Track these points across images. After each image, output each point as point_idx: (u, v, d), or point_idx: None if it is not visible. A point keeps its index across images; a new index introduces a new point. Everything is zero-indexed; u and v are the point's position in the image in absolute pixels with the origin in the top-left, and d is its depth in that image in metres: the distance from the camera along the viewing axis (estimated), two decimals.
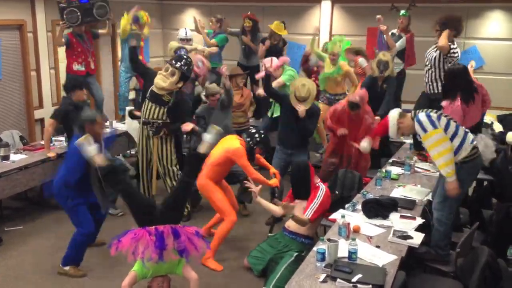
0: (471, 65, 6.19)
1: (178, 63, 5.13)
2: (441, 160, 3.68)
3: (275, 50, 7.69)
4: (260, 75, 6.39)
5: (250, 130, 4.96)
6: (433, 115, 3.74)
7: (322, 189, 4.21)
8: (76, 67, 6.36)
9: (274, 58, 6.41)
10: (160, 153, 5.37)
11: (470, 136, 3.81)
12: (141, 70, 5.76)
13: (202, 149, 3.89)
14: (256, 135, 4.74)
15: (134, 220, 3.75)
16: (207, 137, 3.96)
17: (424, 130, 3.71)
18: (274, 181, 4.67)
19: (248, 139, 4.71)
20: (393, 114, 4.00)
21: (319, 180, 4.36)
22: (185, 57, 5.30)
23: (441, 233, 3.85)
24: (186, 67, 5.15)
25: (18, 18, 6.94)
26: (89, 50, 6.47)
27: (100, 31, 6.73)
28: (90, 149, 3.83)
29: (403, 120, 3.94)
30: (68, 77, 6.22)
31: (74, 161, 4.15)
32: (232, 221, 4.57)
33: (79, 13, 6.09)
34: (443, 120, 3.74)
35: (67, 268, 4.29)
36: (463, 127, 3.83)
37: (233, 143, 4.65)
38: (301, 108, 5.12)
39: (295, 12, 9.09)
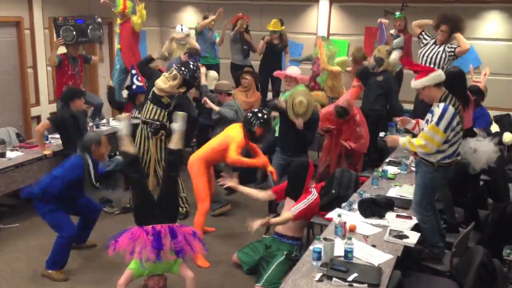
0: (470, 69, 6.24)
1: (183, 68, 5.12)
2: (418, 146, 3.71)
3: (278, 50, 7.72)
4: (280, 73, 6.38)
5: (254, 110, 4.97)
6: (457, 118, 3.66)
7: (313, 194, 4.16)
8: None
9: (296, 68, 6.36)
10: (159, 155, 5.37)
11: (460, 147, 3.84)
12: (147, 74, 5.76)
13: (173, 143, 3.93)
14: (260, 114, 4.76)
15: (134, 216, 3.76)
16: (174, 125, 3.99)
17: (437, 122, 3.62)
18: (264, 160, 4.73)
19: (250, 117, 4.74)
20: (438, 74, 3.73)
21: (314, 185, 4.33)
22: (192, 63, 5.27)
23: (428, 230, 3.85)
24: (189, 74, 5.11)
25: (15, 15, 6.92)
26: (79, 74, 6.45)
27: (93, 57, 6.73)
28: (125, 128, 3.91)
29: (436, 89, 3.72)
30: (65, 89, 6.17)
31: (67, 174, 4.14)
32: (204, 208, 4.67)
33: (74, 32, 6.28)
34: (459, 127, 3.71)
35: (50, 271, 4.22)
36: (461, 139, 3.85)
37: (236, 131, 4.74)
38: (298, 122, 5.16)
39: (293, 11, 9.09)
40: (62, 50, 6.47)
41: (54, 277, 4.22)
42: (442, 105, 3.65)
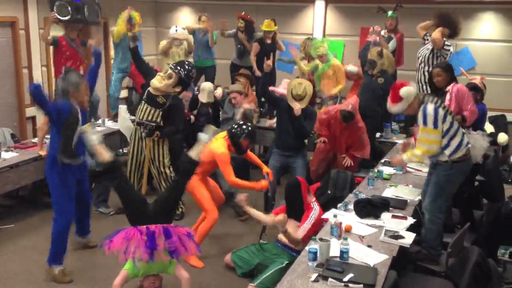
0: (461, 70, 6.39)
1: (178, 67, 5.10)
2: (420, 153, 3.83)
3: (271, 49, 7.69)
4: (277, 91, 6.35)
5: (238, 122, 4.94)
6: (441, 112, 3.73)
7: (315, 209, 4.11)
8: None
9: (285, 81, 6.34)
10: (153, 155, 5.36)
11: (466, 138, 3.88)
12: (143, 70, 5.64)
13: (194, 152, 3.86)
14: (244, 127, 4.69)
15: (127, 218, 3.75)
16: (203, 137, 3.94)
17: (425, 122, 3.73)
18: (263, 184, 4.61)
19: (235, 130, 4.66)
20: (410, 91, 3.86)
21: (314, 199, 4.27)
22: (187, 63, 5.26)
23: (434, 232, 3.88)
24: (184, 73, 5.09)
25: (10, 15, 6.90)
26: (79, 55, 6.25)
27: (90, 40, 6.63)
28: (94, 137, 3.75)
29: (414, 102, 3.87)
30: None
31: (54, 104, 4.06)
32: (213, 219, 4.57)
33: (69, 8, 6.00)
34: (448, 119, 3.76)
35: (55, 270, 4.17)
36: (462, 129, 3.87)
37: (219, 146, 4.59)
38: (296, 107, 5.12)
39: (289, 11, 9.10)
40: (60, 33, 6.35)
41: (59, 279, 4.16)
42: (421, 108, 3.79)
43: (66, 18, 6.03)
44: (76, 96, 4.12)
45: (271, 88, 6.46)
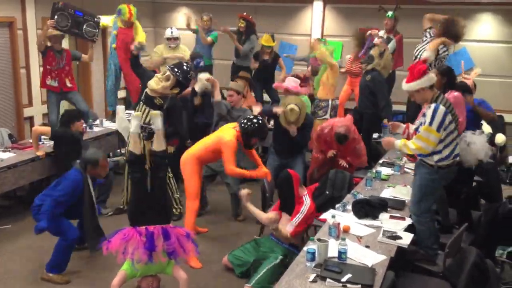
0: (462, 67, 6.35)
1: (176, 69, 5.10)
2: (414, 148, 3.75)
3: (268, 64, 7.69)
4: (279, 86, 6.34)
5: (248, 116, 4.96)
6: (449, 117, 3.69)
7: (306, 204, 4.11)
8: (49, 81, 6.34)
9: (294, 80, 6.34)
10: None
11: (458, 149, 3.86)
12: (140, 72, 5.82)
13: (156, 144, 3.94)
14: (254, 120, 4.75)
15: (129, 214, 3.75)
16: (152, 126, 4.04)
17: (430, 122, 3.66)
18: (264, 171, 4.75)
19: (245, 123, 4.71)
20: (431, 76, 3.77)
21: (305, 192, 4.26)
22: (185, 65, 5.26)
23: (425, 232, 3.88)
24: (182, 75, 5.08)
25: (8, 15, 6.89)
26: (63, 69, 6.33)
27: (83, 55, 6.68)
28: (134, 127, 4.01)
29: (430, 91, 3.76)
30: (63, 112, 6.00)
31: (69, 197, 4.09)
32: (193, 209, 4.71)
33: (69, 21, 6.19)
34: (452, 126, 3.73)
35: (51, 274, 4.17)
36: (458, 139, 3.87)
37: (228, 133, 4.69)
38: (291, 129, 5.19)
39: (287, 12, 9.10)
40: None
41: (56, 280, 4.16)
42: (433, 105, 3.70)
43: (65, 29, 6.20)
44: (92, 172, 4.26)
45: (276, 85, 6.54)
